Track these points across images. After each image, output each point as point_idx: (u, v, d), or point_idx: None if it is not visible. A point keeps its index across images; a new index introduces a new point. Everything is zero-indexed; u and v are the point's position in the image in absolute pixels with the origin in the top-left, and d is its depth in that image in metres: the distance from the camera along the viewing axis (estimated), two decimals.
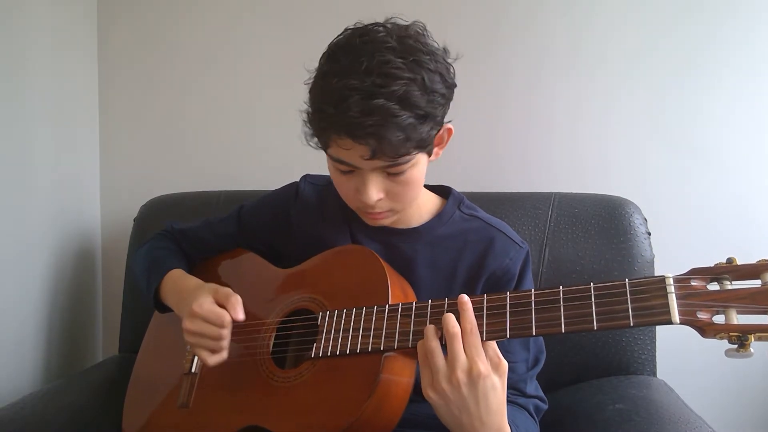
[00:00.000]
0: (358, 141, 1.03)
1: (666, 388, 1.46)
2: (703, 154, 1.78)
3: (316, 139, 1.14)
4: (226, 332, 1.15)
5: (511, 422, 1.02)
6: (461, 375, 0.92)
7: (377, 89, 1.00)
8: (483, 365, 0.92)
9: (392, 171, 1.09)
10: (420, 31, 1.10)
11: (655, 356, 1.54)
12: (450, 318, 0.95)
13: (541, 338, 1.25)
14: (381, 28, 1.08)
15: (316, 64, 1.13)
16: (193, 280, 1.28)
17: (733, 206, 1.77)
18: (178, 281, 1.30)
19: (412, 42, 1.07)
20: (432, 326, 0.97)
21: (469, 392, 0.92)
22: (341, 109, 1.01)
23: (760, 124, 1.75)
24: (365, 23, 1.10)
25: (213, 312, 1.15)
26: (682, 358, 1.70)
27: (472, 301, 0.98)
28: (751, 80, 1.74)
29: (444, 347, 0.96)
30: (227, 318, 1.14)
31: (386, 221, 1.19)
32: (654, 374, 1.53)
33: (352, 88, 1.01)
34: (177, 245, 1.45)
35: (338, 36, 1.12)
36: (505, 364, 0.94)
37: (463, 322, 0.94)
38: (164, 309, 1.33)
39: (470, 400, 0.93)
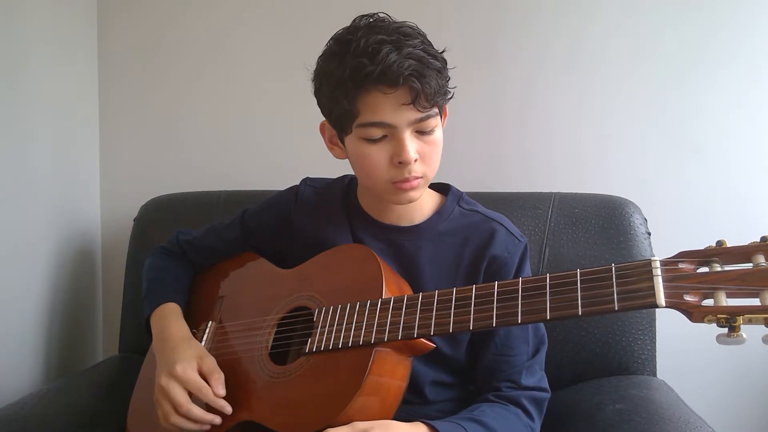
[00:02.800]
0: (401, 84, 1.06)
1: (666, 388, 1.45)
2: (703, 154, 1.77)
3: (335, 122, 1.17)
4: (186, 409, 1.13)
5: (481, 423, 1.06)
6: None
7: (403, 41, 1.07)
8: None
9: (423, 128, 1.11)
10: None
11: (655, 356, 1.53)
12: None
13: (542, 330, 1.25)
14: (377, 15, 1.15)
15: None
16: (180, 326, 1.29)
17: (733, 206, 1.77)
18: (165, 319, 1.31)
19: (410, 24, 1.14)
20: None
21: None
22: (379, 58, 1.05)
23: (761, 124, 1.75)
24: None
25: (192, 380, 1.15)
26: (682, 358, 1.69)
27: (458, 291, 1.00)
28: (751, 80, 1.74)
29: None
30: (204, 391, 1.14)
31: (417, 193, 1.17)
32: (654, 374, 1.52)
33: (381, 41, 1.06)
34: (182, 260, 1.46)
35: (335, 34, 1.16)
36: None
37: None
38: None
39: None
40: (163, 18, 1.98)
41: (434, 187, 1.33)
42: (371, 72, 1.05)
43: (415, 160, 1.11)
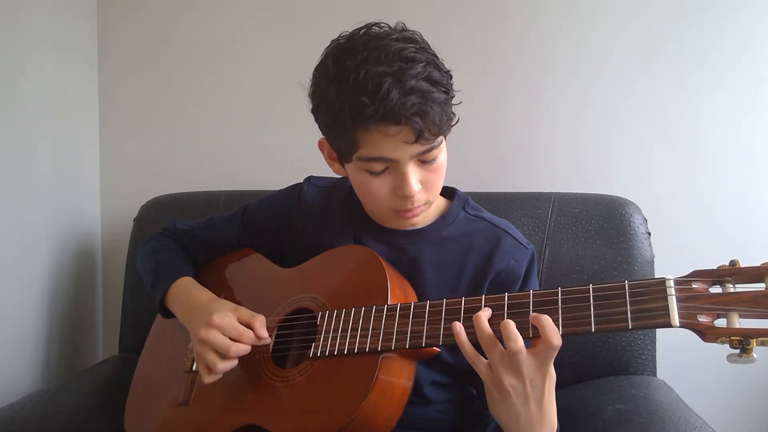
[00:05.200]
0: (403, 124, 1.01)
1: (666, 388, 1.46)
2: (704, 155, 1.77)
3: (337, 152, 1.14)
4: (234, 348, 1.10)
5: None
6: (530, 375, 0.92)
7: (406, 72, 1.01)
8: (552, 366, 0.92)
9: (426, 158, 1.08)
10: (405, 26, 1.11)
11: (655, 356, 1.53)
12: (515, 334, 0.92)
13: None
14: (375, 27, 1.09)
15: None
16: (205, 292, 1.27)
17: (734, 207, 1.77)
18: (187, 290, 1.29)
19: (409, 33, 1.08)
20: (490, 332, 0.94)
21: (533, 391, 0.93)
22: (380, 96, 0.99)
23: (762, 126, 1.75)
24: (350, 31, 1.11)
25: (232, 326, 1.12)
26: (682, 358, 1.70)
27: (467, 301, 0.99)
28: (754, 81, 1.74)
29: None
30: (247, 335, 1.12)
31: (419, 219, 1.16)
32: (654, 374, 1.53)
33: (382, 74, 1.00)
34: (181, 245, 1.44)
35: (331, 45, 1.11)
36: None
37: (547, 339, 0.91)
38: (169, 315, 1.31)
39: (532, 398, 0.93)
40: (163, 19, 1.97)
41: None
42: (373, 113, 1.00)
43: (419, 191, 1.10)
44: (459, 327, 0.96)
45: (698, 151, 1.78)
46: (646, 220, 1.59)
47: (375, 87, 0.99)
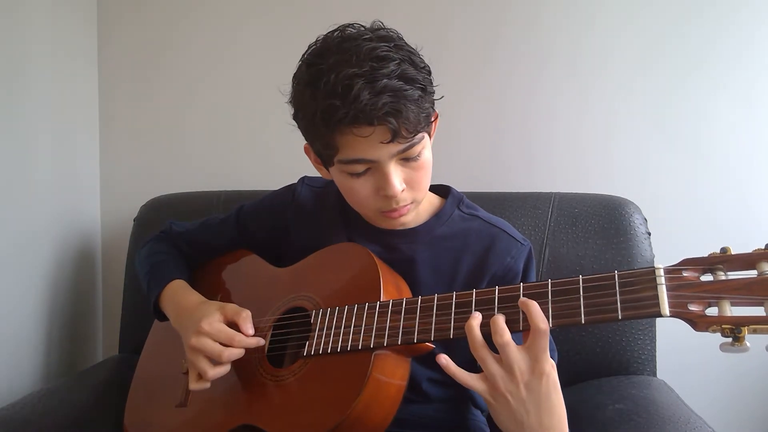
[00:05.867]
0: (377, 124, 1.01)
1: (666, 388, 1.45)
2: (705, 155, 1.77)
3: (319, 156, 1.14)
4: (227, 353, 1.11)
5: None
6: (524, 376, 0.90)
7: (377, 72, 1.00)
8: (547, 364, 0.90)
9: (408, 155, 1.07)
10: (383, 25, 1.11)
11: (655, 356, 1.53)
12: (501, 328, 0.92)
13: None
14: (350, 29, 1.09)
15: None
16: (194, 296, 1.27)
17: (734, 206, 1.77)
18: (178, 294, 1.29)
19: (384, 32, 1.09)
20: (480, 336, 0.94)
21: (529, 394, 0.90)
22: (351, 98, 0.99)
23: (763, 125, 1.74)
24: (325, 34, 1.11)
25: (221, 331, 1.12)
26: (682, 358, 1.70)
27: (459, 296, 0.99)
28: (754, 81, 1.74)
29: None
30: (237, 338, 1.12)
31: (408, 218, 1.16)
32: (654, 374, 1.53)
33: (352, 75, 1.00)
34: (177, 248, 1.44)
35: (307, 51, 1.12)
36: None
37: (534, 324, 0.90)
38: (164, 318, 1.32)
39: (530, 402, 0.91)
40: (163, 20, 1.98)
41: (434, 189, 1.30)
42: (344, 115, 1.00)
43: (403, 190, 1.09)
44: (445, 359, 0.95)
45: (698, 151, 1.77)
46: (646, 220, 1.58)
47: (345, 89, 1.00)
